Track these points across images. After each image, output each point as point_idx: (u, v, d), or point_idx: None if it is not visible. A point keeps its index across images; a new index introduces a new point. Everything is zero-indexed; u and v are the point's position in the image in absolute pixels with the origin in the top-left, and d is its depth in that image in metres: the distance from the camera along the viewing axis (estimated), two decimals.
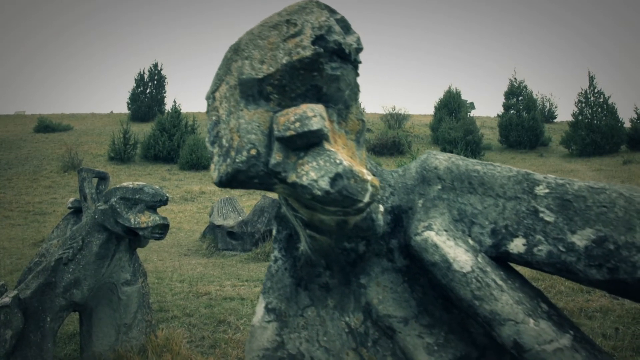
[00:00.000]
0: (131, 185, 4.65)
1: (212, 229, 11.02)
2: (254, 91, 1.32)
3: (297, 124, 1.27)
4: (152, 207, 4.63)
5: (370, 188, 1.32)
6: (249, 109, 1.33)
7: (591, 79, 22.78)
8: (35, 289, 4.55)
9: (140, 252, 10.27)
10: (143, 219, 4.55)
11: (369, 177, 1.32)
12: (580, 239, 1.37)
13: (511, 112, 25.22)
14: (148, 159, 20.65)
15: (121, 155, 19.84)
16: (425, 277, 1.52)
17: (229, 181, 1.33)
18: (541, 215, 1.42)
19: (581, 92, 23.02)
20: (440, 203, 1.51)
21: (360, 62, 1.42)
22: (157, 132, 20.80)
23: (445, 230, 1.43)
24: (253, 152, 1.31)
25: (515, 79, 25.67)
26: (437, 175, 1.55)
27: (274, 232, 1.75)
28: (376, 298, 1.56)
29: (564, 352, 1.31)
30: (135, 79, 31.15)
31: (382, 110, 34.41)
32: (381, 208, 1.56)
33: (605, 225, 1.36)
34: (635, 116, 22.95)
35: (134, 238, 4.82)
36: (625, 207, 1.36)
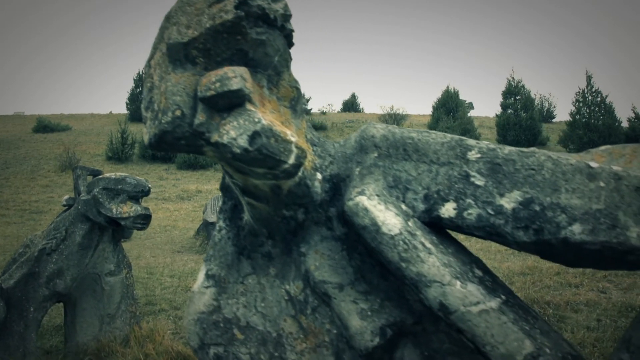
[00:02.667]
0: (113, 176, 4.70)
1: (206, 226, 11.06)
2: (180, 55, 1.36)
3: (218, 84, 1.30)
4: (135, 198, 4.67)
5: (295, 149, 1.35)
6: (176, 73, 1.36)
7: (589, 78, 22.76)
8: (19, 279, 4.59)
9: (134, 249, 10.32)
10: (125, 209, 4.59)
11: (293, 138, 1.35)
12: (508, 202, 1.38)
13: (509, 111, 25.21)
14: (146, 158, 20.73)
15: (119, 154, 19.92)
16: (363, 245, 1.54)
17: (157, 143, 1.37)
18: (472, 179, 1.43)
19: (579, 92, 23.01)
20: (376, 170, 1.53)
21: (291, 30, 1.46)
22: None
23: (377, 195, 1.45)
24: (178, 112, 1.34)
25: (513, 78, 25.67)
26: (374, 143, 1.57)
27: (220, 203, 1.79)
28: (313, 265, 1.57)
29: (490, 314, 1.31)
30: (134, 80, 31.25)
31: (380, 110, 34.45)
32: (319, 176, 1.58)
33: (532, 187, 1.37)
34: (633, 115, 22.92)
35: (117, 229, 4.86)
36: (553, 169, 1.37)
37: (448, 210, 1.44)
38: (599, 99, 22.59)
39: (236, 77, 1.30)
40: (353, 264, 1.57)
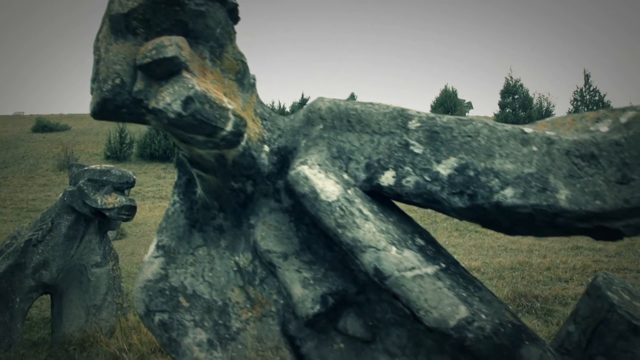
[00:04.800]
0: (98, 168, 4.73)
1: None
2: (121, 26, 1.39)
3: (154, 52, 1.33)
4: (120, 189, 4.70)
5: (232, 117, 1.38)
6: (117, 44, 1.39)
7: (587, 77, 22.76)
8: (5, 270, 4.62)
9: (128, 246, 10.35)
10: (109, 200, 4.62)
11: (230, 106, 1.38)
12: (444, 168, 1.40)
13: (507, 110, 25.18)
14: (144, 157, 20.79)
15: (117, 154, 19.99)
16: (309, 217, 1.56)
17: (100, 111, 1.40)
18: (411, 147, 1.45)
19: (577, 90, 22.99)
20: (321, 141, 1.55)
21: (235, 4, 1.48)
22: (153, 131, 20.94)
23: (319, 165, 1.47)
24: (117, 80, 1.37)
25: (511, 77, 25.65)
26: (320, 115, 1.58)
27: (176, 178, 1.81)
28: (260, 235, 1.60)
29: (424, 279, 1.32)
30: None
31: None
32: (266, 148, 1.60)
33: (468, 154, 1.38)
34: None
35: (102, 220, 4.89)
36: (488, 135, 1.38)
37: (387, 178, 1.46)
38: (597, 98, 22.55)
39: (171, 45, 1.33)
40: (300, 235, 1.59)
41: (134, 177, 4.77)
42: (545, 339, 2.59)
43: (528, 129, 1.37)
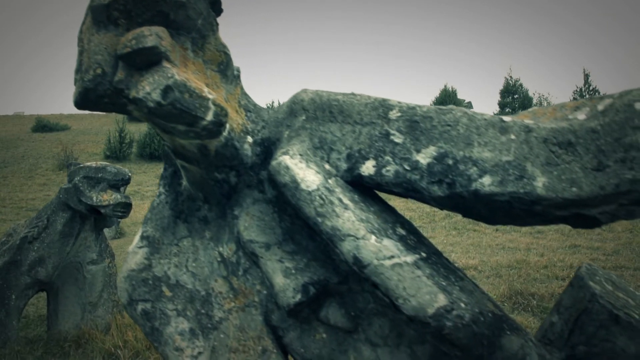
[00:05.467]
0: (94, 165, 4.75)
1: None
2: (103, 17, 1.40)
3: (133, 42, 1.34)
4: (115, 186, 4.71)
5: (212, 107, 1.39)
6: (99, 34, 1.40)
7: (586, 76, 22.73)
8: (0, 267, 4.64)
9: (127, 245, 10.36)
10: (105, 197, 4.63)
11: (210, 96, 1.39)
12: (424, 157, 1.40)
13: (507, 110, 25.17)
14: (144, 157, 20.81)
15: (117, 153, 20.02)
16: (292, 207, 1.56)
17: (82, 101, 1.42)
18: (392, 137, 1.45)
19: (576, 90, 22.97)
20: (303, 132, 1.55)
21: None
22: (152, 131, 20.98)
23: (300, 155, 1.47)
24: (99, 70, 1.39)
25: (511, 77, 25.65)
26: (302, 106, 1.59)
27: (162, 170, 1.82)
28: (243, 226, 1.61)
29: (403, 267, 1.33)
30: None
31: None
32: (249, 139, 1.61)
33: (447, 142, 1.39)
34: None
35: (98, 217, 4.91)
36: (467, 124, 1.39)
37: (368, 168, 1.46)
38: None
39: (151, 35, 1.34)
40: (283, 226, 1.59)
41: (129, 174, 4.78)
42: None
43: (507, 118, 1.38)
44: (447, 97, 27.42)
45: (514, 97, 25.33)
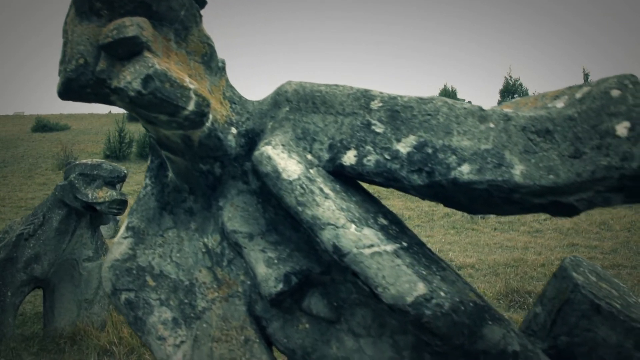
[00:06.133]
0: (90, 162, 4.76)
1: None
2: (85, 8, 1.41)
3: (115, 32, 1.36)
4: (111, 184, 4.72)
5: (194, 96, 1.40)
6: (82, 25, 1.42)
7: (586, 76, 22.71)
8: None
9: None
10: (100, 194, 4.64)
11: (191, 85, 1.40)
12: (404, 147, 1.41)
13: None
14: (143, 157, 20.83)
15: (116, 153, 20.04)
16: (276, 198, 1.57)
17: (65, 91, 1.43)
18: (373, 127, 1.46)
19: None
20: (287, 123, 1.56)
21: None
22: None
23: (283, 145, 1.48)
24: (81, 61, 1.40)
25: (510, 76, 25.62)
26: (286, 98, 1.60)
27: (148, 162, 1.83)
28: (227, 216, 1.62)
29: (383, 256, 1.33)
30: None
31: None
32: (233, 130, 1.62)
33: (427, 131, 1.39)
34: None
35: (94, 214, 4.92)
36: (447, 113, 1.39)
37: (349, 157, 1.47)
38: None
39: (132, 25, 1.36)
40: (266, 216, 1.60)
41: (125, 171, 4.79)
42: None
43: (486, 107, 1.38)
44: (447, 97, 27.35)
45: (513, 97, 25.31)
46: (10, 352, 4.49)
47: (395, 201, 12.13)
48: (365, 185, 1.69)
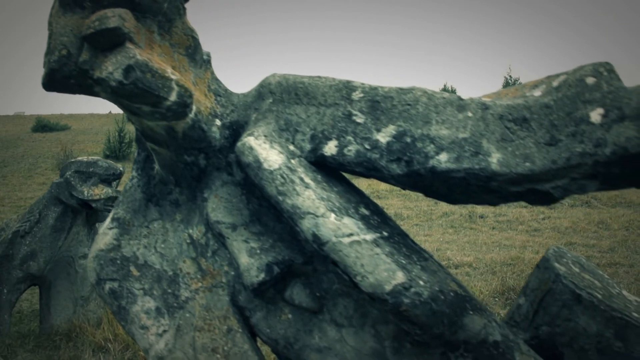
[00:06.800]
0: (85, 159, 4.78)
1: None
2: (69, 0, 1.43)
3: (97, 23, 1.37)
4: (106, 181, 4.74)
5: (176, 87, 1.42)
6: (65, 16, 1.43)
7: None
8: None
9: None
10: (96, 192, 4.66)
11: (173, 76, 1.41)
12: (384, 136, 1.42)
13: None
14: None
15: (116, 153, 20.07)
16: (260, 189, 1.58)
17: (49, 82, 1.44)
18: (354, 117, 1.47)
19: None
20: (270, 114, 1.58)
21: None
22: None
23: (265, 136, 1.50)
24: (64, 52, 1.41)
25: (510, 76, 25.58)
26: (270, 89, 1.61)
27: (135, 154, 1.85)
28: (210, 207, 1.63)
29: (362, 245, 1.34)
30: None
31: None
32: (217, 122, 1.63)
33: (406, 121, 1.40)
34: None
35: (90, 212, 4.93)
36: (427, 103, 1.40)
37: (330, 148, 1.48)
38: None
39: (114, 16, 1.37)
40: (250, 207, 1.62)
41: (121, 169, 4.80)
42: None
43: (465, 96, 1.39)
44: None
45: None
46: (5, 349, 4.51)
47: (393, 200, 12.14)
48: (367, 181, 1.71)
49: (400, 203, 12.13)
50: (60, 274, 4.99)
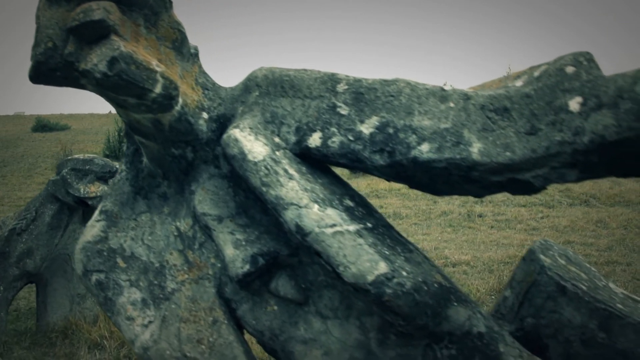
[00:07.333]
0: (82, 157, 4.79)
1: None
2: None
3: (81, 15, 1.39)
4: (103, 179, 4.75)
5: (161, 79, 1.43)
6: (51, 9, 1.45)
7: None
8: None
9: None
10: (92, 189, 4.67)
11: (158, 68, 1.42)
12: (367, 128, 1.43)
13: None
14: None
15: (116, 152, 20.08)
16: (243, 180, 1.59)
17: (35, 75, 1.46)
18: (338, 109, 1.48)
19: None
20: (256, 107, 1.59)
21: None
22: None
23: (250, 128, 1.51)
24: (50, 44, 1.43)
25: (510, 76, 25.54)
26: (256, 82, 1.62)
27: (125, 148, 1.85)
28: (197, 199, 1.64)
29: (345, 235, 1.34)
30: None
31: None
32: (204, 115, 1.64)
33: (389, 112, 1.41)
34: None
35: (86, 209, 4.94)
36: (409, 94, 1.41)
37: (315, 139, 1.49)
38: None
39: (99, 9, 1.39)
40: (237, 200, 1.62)
41: (117, 166, 4.81)
42: None
43: (447, 87, 1.40)
44: None
45: None
46: (2, 347, 4.52)
47: (392, 200, 12.13)
48: (367, 181, 1.72)
49: (399, 202, 12.13)
50: (57, 272, 4.99)
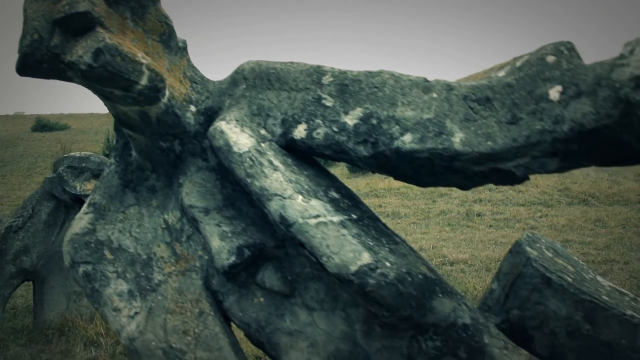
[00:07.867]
0: (78, 155, 4.80)
1: None
2: None
3: (67, 7, 1.40)
4: (99, 176, 4.75)
5: (146, 71, 1.43)
6: (37, 2, 1.46)
7: None
8: None
9: None
10: (89, 187, 4.67)
11: (144, 60, 1.43)
12: (351, 119, 1.43)
13: None
14: None
15: None
16: (228, 171, 1.60)
17: (22, 67, 1.46)
18: (323, 101, 1.48)
19: None
20: (243, 100, 1.59)
21: None
22: None
23: (236, 120, 1.51)
24: (35, 36, 1.44)
25: None
26: (243, 76, 1.63)
27: (114, 141, 1.86)
28: (185, 192, 1.65)
29: (328, 226, 1.35)
30: None
31: None
32: (192, 108, 1.65)
33: (373, 103, 1.41)
34: None
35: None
36: (393, 85, 1.41)
37: (300, 131, 1.50)
38: None
39: (84, 1, 1.41)
40: (224, 192, 1.63)
41: None
42: None
43: (431, 78, 1.40)
44: None
45: None
46: None
47: (391, 199, 12.13)
48: (366, 180, 1.73)
49: (397, 202, 12.13)
50: (54, 269, 5.00)
